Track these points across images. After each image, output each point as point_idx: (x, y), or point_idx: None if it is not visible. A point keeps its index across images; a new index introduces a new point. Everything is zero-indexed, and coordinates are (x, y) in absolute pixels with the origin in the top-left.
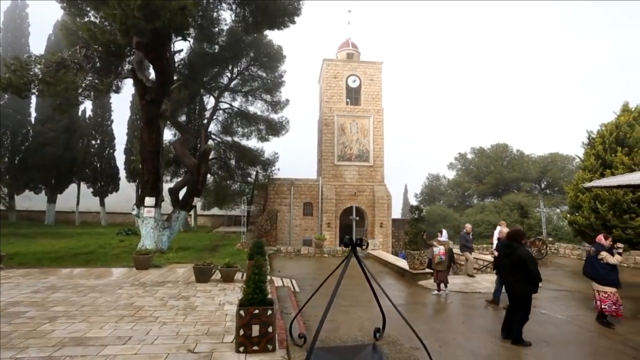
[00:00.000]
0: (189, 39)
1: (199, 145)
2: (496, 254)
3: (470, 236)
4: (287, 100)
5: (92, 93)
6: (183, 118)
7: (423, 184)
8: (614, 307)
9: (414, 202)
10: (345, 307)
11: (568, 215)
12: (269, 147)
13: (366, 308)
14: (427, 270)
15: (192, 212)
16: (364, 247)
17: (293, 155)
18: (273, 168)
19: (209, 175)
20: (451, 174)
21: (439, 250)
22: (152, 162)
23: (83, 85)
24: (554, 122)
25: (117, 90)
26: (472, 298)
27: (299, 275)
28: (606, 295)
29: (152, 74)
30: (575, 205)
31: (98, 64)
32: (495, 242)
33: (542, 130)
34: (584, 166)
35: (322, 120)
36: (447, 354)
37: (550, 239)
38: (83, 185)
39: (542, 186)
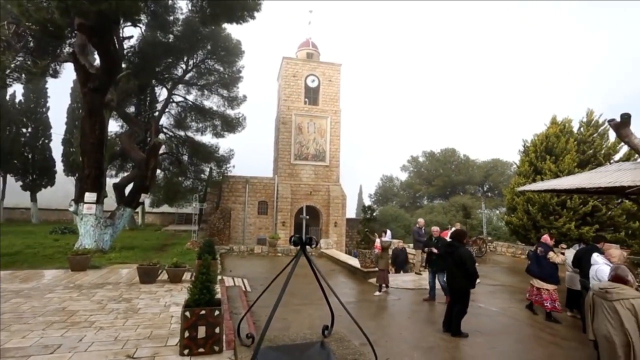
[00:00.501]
0: (140, 25)
1: (148, 139)
2: (435, 251)
3: (423, 231)
4: (245, 97)
5: (23, 75)
6: (132, 109)
7: (377, 184)
8: (555, 303)
9: (368, 202)
10: (297, 306)
11: (505, 217)
12: (225, 143)
13: (318, 306)
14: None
15: (139, 210)
16: (313, 245)
17: (249, 153)
18: (228, 165)
19: (158, 171)
20: (404, 176)
21: (376, 243)
22: (94, 155)
23: (12, 66)
24: (498, 129)
25: (55, 74)
26: (418, 294)
27: (251, 274)
28: (548, 293)
29: (98, 60)
30: (512, 207)
31: (32, 44)
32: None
33: (487, 137)
34: (519, 172)
35: (279, 119)
36: (393, 347)
37: (489, 238)
38: (10, 178)
39: (485, 189)
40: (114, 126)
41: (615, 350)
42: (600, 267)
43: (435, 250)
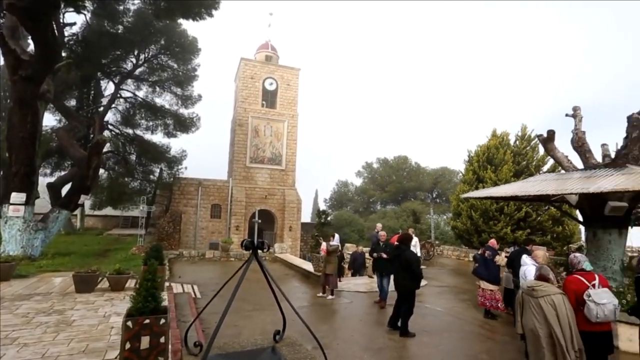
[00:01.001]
0: (84, 12)
1: (91, 136)
2: (385, 256)
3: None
4: (200, 96)
5: None
6: (73, 103)
7: (333, 189)
8: (497, 303)
9: (323, 207)
10: (249, 311)
11: (451, 222)
12: (177, 143)
13: (270, 311)
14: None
15: (77, 212)
16: (265, 250)
17: (204, 154)
18: (180, 166)
19: (102, 170)
20: (358, 181)
21: (322, 247)
22: (25, 151)
23: None
24: (446, 138)
25: None
26: (370, 297)
27: (201, 280)
28: (492, 293)
29: (32, 46)
30: (457, 213)
31: None
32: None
33: (436, 146)
34: (464, 180)
35: (236, 121)
36: (344, 350)
37: (437, 242)
38: None
39: (434, 195)
40: (51, 120)
41: (540, 342)
42: (528, 267)
43: (384, 255)
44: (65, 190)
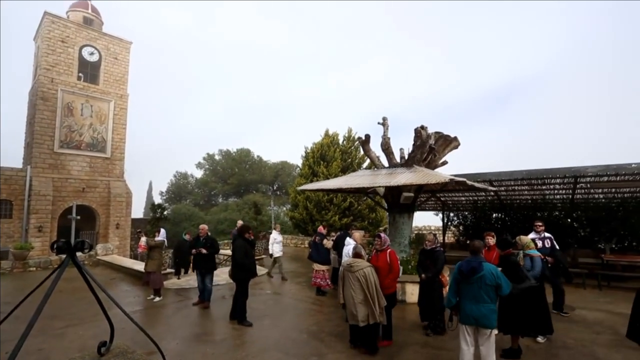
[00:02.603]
0: None
1: None
2: (204, 251)
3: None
4: None
5: None
6: None
7: (170, 181)
8: (327, 281)
9: (159, 200)
10: (61, 329)
11: (290, 212)
12: None
13: (92, 324)
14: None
15: None
16: (86, 251)
17: None
18: None
19: None
20: (199, 173)
21: (140, 242)
22: None
23: None
24: (288, 134)
25: None
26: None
27: None
28: (322, 273)
29: None
30: (295, 204)
31: None
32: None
33: (278, 141)
34: (301, 173)
35: (37, 92)
36: (185, 347)
37: None
38: None
39: (275, 188)
40: None
41: (356, 307)
42: (349, 247)
43: (204, 251)
44: None
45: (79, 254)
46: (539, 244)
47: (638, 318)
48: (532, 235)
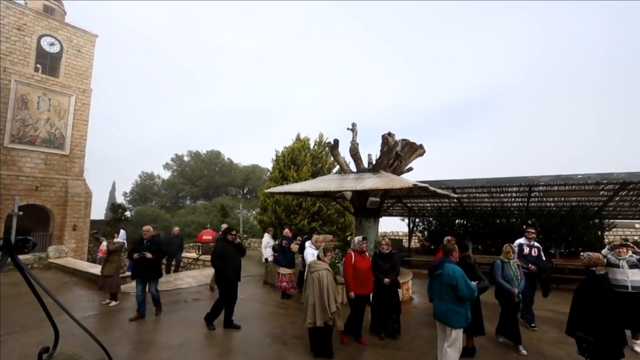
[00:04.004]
0: None
1: None
2: (149, 256)
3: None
4: None
5: None
6: None
7: (135, 182)
8: (291, 283)
9: (122, 201)
10: (1, 337)
11: (259, 216)
12: None
13: (37, 330)
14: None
15: None
16: (28, 248)
17: None
18: None
19: None
20: (167, 174)
21: (101, 247)
22: None
23: None
24: (259, 137)
25: None
26: (171, 295)
27: None
28: (289, 276)
29: None
30: (264, 208)
31: None
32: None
33: (251, 145)
34: (271, 177)
35: None
36: (139, 355)
37: (245, 236)
38: None
39: (244, 191)
40: None
41: (313, 307)
42: (307, 250)
43: (149, 255)
44: None
45: (24, 256)
46: (526, 250)
47: (574, 315)
48: (521, 241)
